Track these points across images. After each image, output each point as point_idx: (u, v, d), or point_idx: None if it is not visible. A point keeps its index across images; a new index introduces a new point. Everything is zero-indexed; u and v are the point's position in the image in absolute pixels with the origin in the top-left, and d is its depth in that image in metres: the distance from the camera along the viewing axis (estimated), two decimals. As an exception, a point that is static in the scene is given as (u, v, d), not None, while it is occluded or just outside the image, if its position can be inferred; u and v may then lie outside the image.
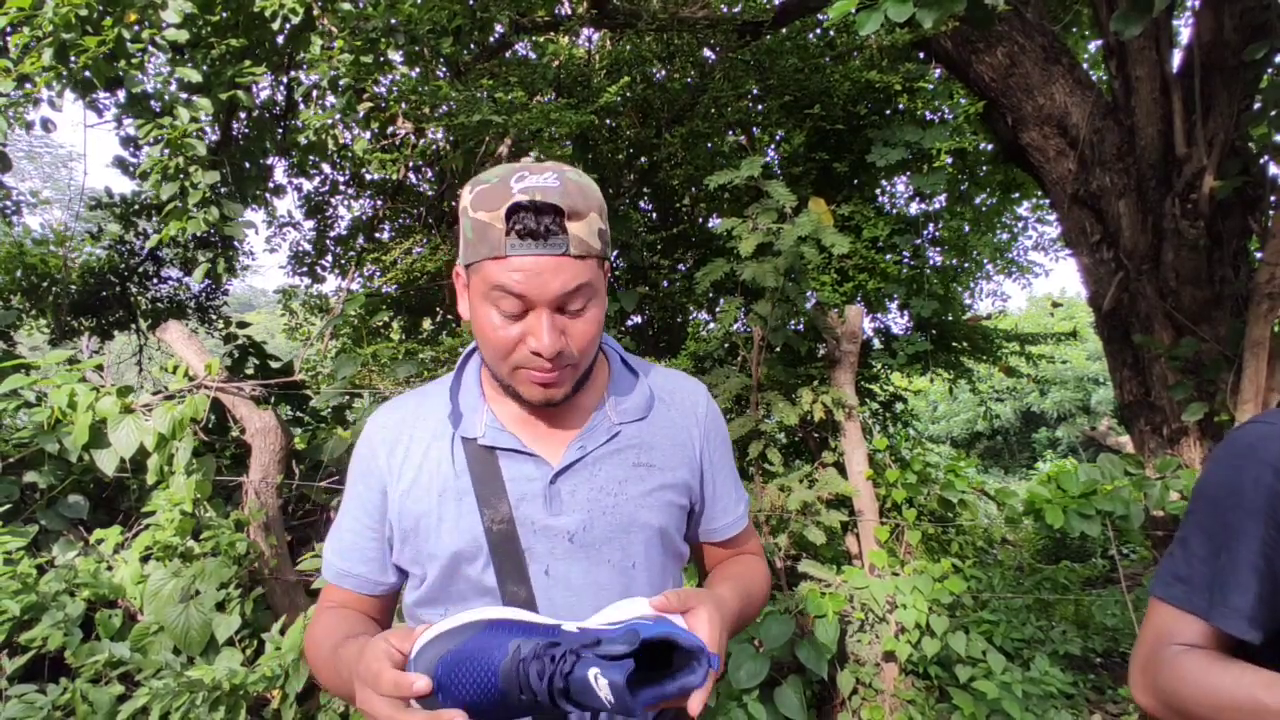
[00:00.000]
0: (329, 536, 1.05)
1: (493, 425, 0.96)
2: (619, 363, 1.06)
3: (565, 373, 0.90)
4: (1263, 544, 0.82)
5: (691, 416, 1.06)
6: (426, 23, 3.20)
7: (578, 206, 0.85)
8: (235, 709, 2.16)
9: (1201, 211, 3.01)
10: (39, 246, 4.90)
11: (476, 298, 0.90)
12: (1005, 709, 2.47)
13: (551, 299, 0.84)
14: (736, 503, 1.11)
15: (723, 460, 1.09)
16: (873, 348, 4.42)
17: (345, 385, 3.25)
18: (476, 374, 1.03)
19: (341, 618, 1.00)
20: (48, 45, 2.75)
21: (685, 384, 1.10)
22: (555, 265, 0.84)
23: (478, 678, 0.74)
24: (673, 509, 1.00)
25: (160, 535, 2.53)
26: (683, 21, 3.79)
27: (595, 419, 0.98)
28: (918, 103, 3.73)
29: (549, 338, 0.85)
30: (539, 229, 0.83)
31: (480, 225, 0.85)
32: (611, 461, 0.96)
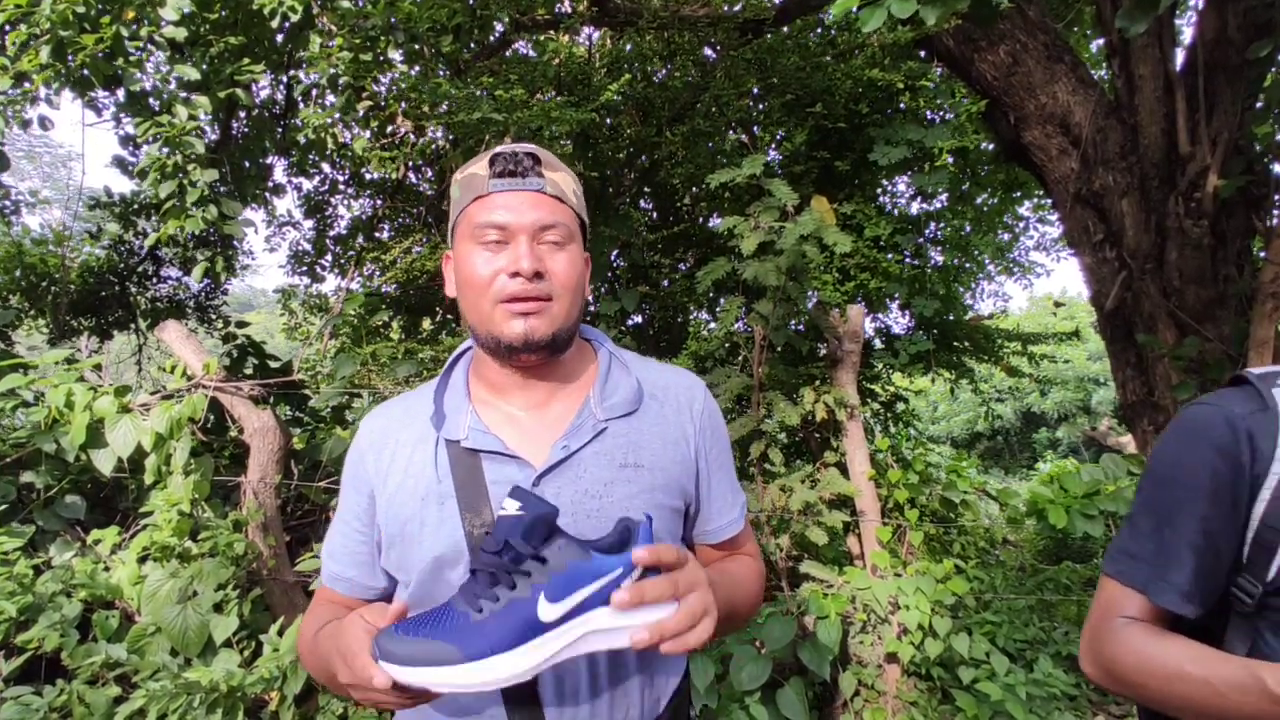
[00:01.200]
0: (325, 541, 1.05)
1: (476, 427, 0.95)
2: (607, 357, 1.04)
3: (544, 307, 0.91)
4: (1203, 522, 0.85)
5: (686, 413, 1.02)
6: (426, 21, 3.19)
7: (553, 162, 0.95)
8: (233, 711, 2.14)
9: (1205, 210, 3.00)
10: (38, 246, 4.89)
11: (461, 245, 0.94)
12: (1008, 710, 2.46)
13: (530, 225, 0.90)
14: (733, 505, 1.07)
15: (720, 459, 1.06)
16: (874, 348, 4.41)
17: (344, 385, 3.23)
18: (464, 376, 1.03)
19: (329, 610, 1.00)
20: (45, 43, 2.73)
21: (680, 379, 1.06)
22: (533, 199, 0.92)
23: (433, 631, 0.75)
24: (664, 511, 0.97)
25: (158, 536, 2.51)
26: (684, 20, 3.77)
27: (580, 416, 0.96)
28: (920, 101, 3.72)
29: (528, 259, 0.89)
30: (517, 170, 0.92)
31: (467, 179, 0.95)
32: (597, 462, 0.94)
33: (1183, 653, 0.83)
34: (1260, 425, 0.83)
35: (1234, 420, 0.85)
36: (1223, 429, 0.85)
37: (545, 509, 0.74)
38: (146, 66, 3.08)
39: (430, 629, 0.74)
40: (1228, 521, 0.85)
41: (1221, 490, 0.85)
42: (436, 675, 0.72)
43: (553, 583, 0.73)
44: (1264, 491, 0.82)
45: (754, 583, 1.07)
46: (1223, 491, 0.84)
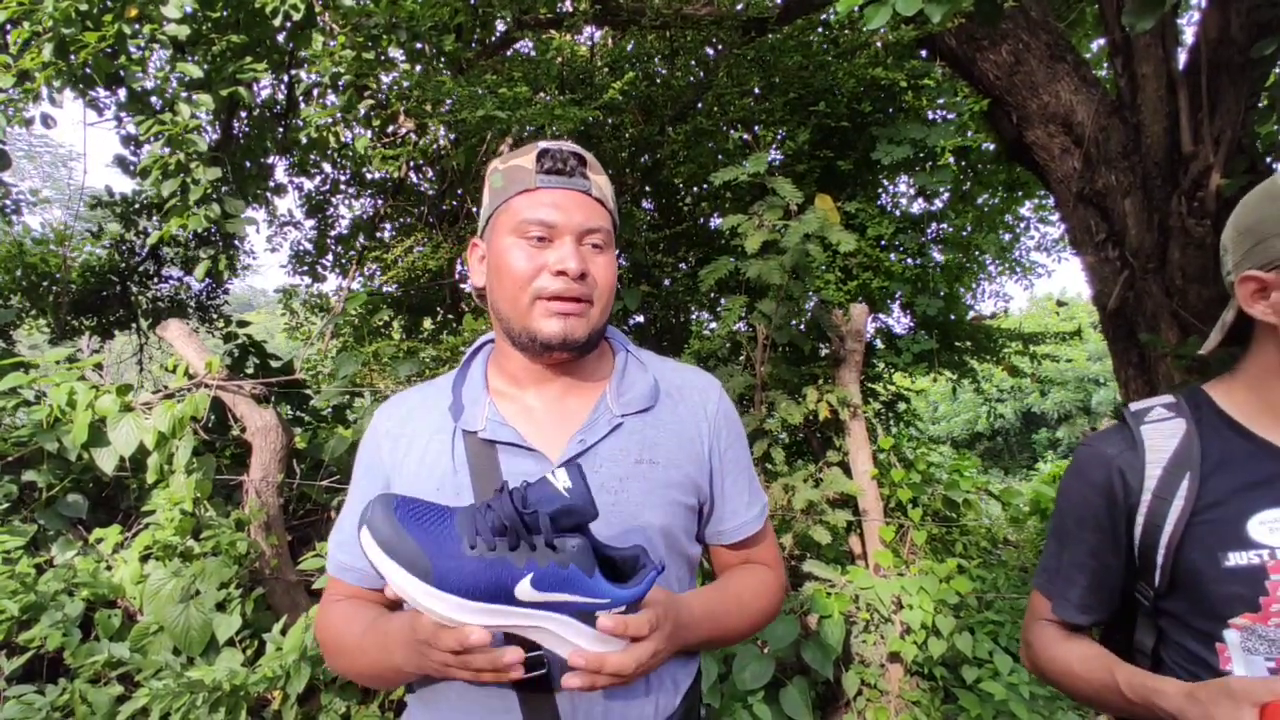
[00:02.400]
0: (333, 529, 1.04)
1: (494, 419, 0.95)
2: (625, 355, 1.05)
3: (584, 308, 0.92)
4: (1089, 547, 1.01)
5: (701, 411, 1.03)
6: (428, 19, 3.18)
7: (595, 165, 0.97)
8: (235, 710, 2.14)
9: (1208, 209, 2.99)
10: (39, 245, 4.88)
11: (500, 238, 0.94)
12: (1011, 710, 2.45)
13: (575, 228, 0.92)
14: (749, 505, 1.06)
15: (735, 459, 1.05)
16: (876, 347, 4.40)
17: (346, 384, 3.23)
18: (483, 367, 1.03)
19: (359, 606, 0.99)
20: (47, 41, 2.73)
21: (696, 379, 1.07)
22: (580, 200, 0.93)
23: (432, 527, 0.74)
24: (679, 508, 0.97)
25: (160, 535, 2.51)
26: (686, 18, 3.77)
27: (597, 410, 0.97)
28: (922, 100, 3.72)
29: (575, 259, 0.90)
30: (565, 168, 0.93)
31: (511, 170, 0.94)
32: (613, 457, 0.94)
33: (1073, 653, 1.00)
34: (1129, 462, 0.97)
35: (1107, 461, 0.98)
36: (1099, 470, 0.99)
37: (586, 507, 0.74)
38: (149, 65, 3.08)
39: (421, 526, 0.73)
40: (1111, 544, 0.99)
41: (1101, 521, 0.99)
42: (398, 576, 0.72)
43: (547, 571, 0.73)
44: (1139, 518, 0.96)
45: (762, 599, 1.05)
46: (1102, 521, 0.99)
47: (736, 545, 1.07)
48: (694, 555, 1.05)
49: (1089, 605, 1.02)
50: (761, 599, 1.05)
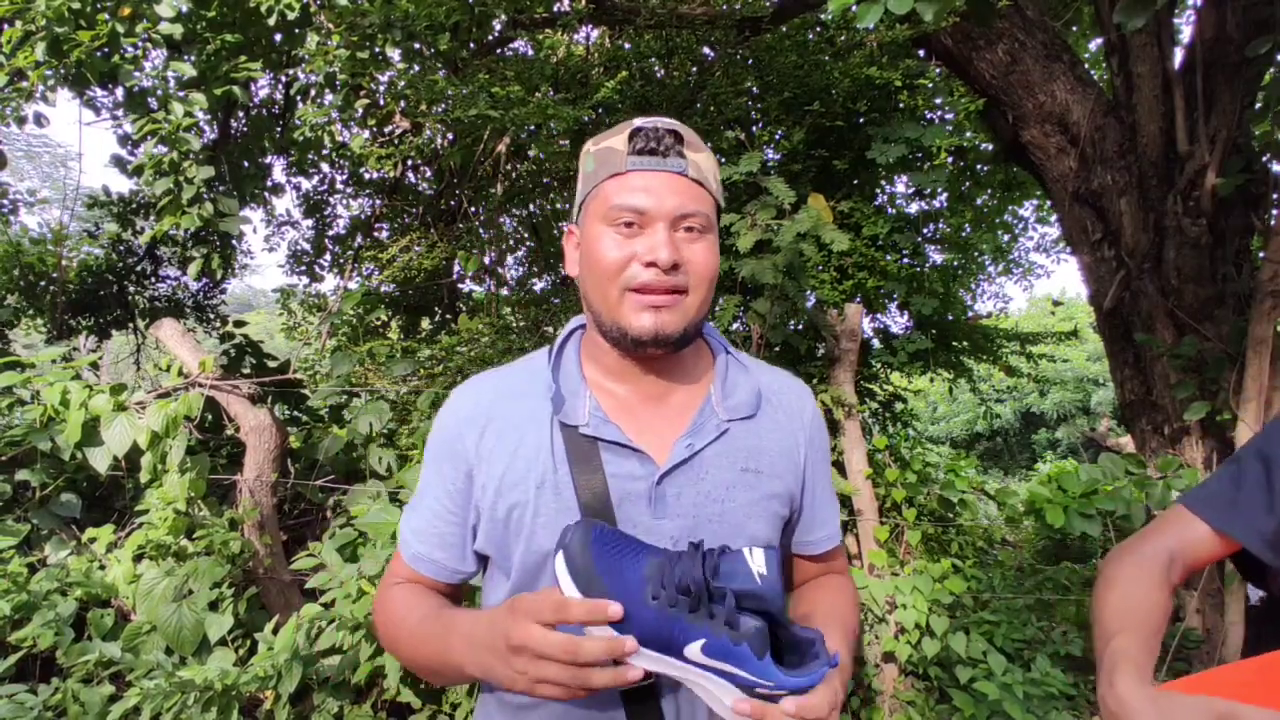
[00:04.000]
0: (406, 512, 0.99)
1: (595, 413, 0.89)
2: (725, 356, 0.99)
3: (678, 300, 0.86)
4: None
5: (799, 420, 0.98)
6: (424, 18, 3.18)
7: (695, 141, 0.89)
8: (227, 709, 2.13)
9: (1203, 209, 2.99)
10: (36, 245, 4.88)
11: (590, 224, 0.88)
12: (1006, 710, 2.45)
13: (669, 212, 0.84)
14: (834, 516, 1.03)
15: (823, 469, 1.01)
16: (872, 347, 4.40)
17: (341, 384, 3.23)
18: (576, 355, 0.97)
19: (421, 592, 0.95)
20: (41, 40, 2.73)
21: (792, 385, 1.02)
22: (673, 182, 0.85)
23: (623, 569, 0.72)
24: (776, 520, 0.93)
25: (153, 534, 2.51)
26: (681, 18, 3.77)
27: (702, 414, 0.92)
28: (918, 100, 3.71)
29: (666, 248, 0.83)
30: (660, 148, 0.86)
31: (603, 153, 0.88)
32: (719, 464, 0.90)
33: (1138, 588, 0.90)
34: None
35: None
36: None
37: (776, 599, 0.71)
38: (144, 64, 3.08)
39: (613, 563, 0.72)
40: None
41: None
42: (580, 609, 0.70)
43: (719, 642, 0.70)
44: None
45: (857, 616, 1.01)
46: None
47: (819, 556, 1.03)
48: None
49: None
50: (855, 614, 1.01)
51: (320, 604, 2.39)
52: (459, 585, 0.99)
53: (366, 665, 2.21)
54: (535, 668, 0.71)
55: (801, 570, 1.06)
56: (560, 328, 4.18)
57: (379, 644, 2.19)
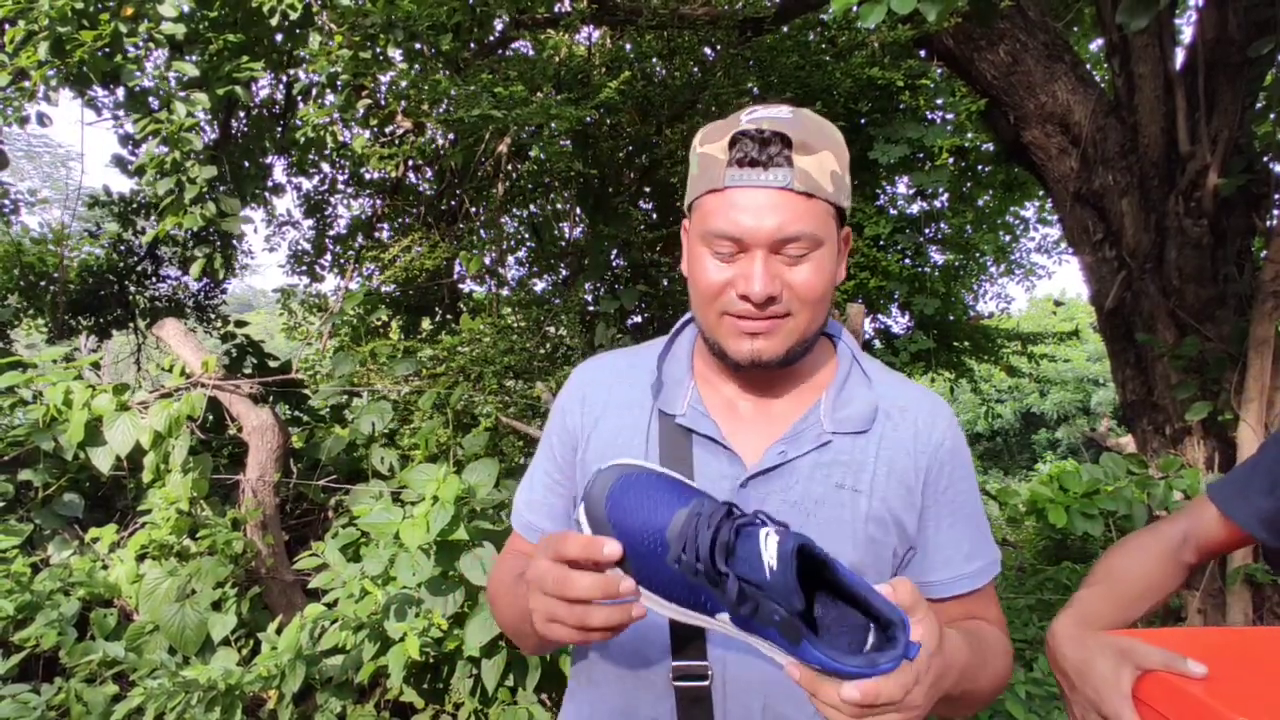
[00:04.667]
0: (523, 481, 1.01)
1: (695, 406, 0.88)
2: (850, 362, 0.92)
3: (777, 325, 0.81)
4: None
5: (924, 442, 0.88)
6: (426, 19, 3.18)
7: (809, 141, 0.78)
8: (231, 709, 2.14)
9: (1205, 209, 2.99)
10: (37, 245, 4.88)
11: (693, 240, 0.85)
12: (1007, 709, 2.45)
13: (767, 237, 0.78)
14: (968, 559, 0.89)
15: (954, 501, 0.89)
16: (874, 348, 4.40)
17: (343, 384, 3.23)
18: (689, 346, 0.96)
19: (521, 560, 0.94)
20: (43, 39, 2.73)
21: (924, 402, 0.92)
22: (776, 199, 0.77)
23: (644, 523, 0.67)
24: (875, 545, 0.85)
25: (156, 534, 2.51)
26: (683, 18, 3.77)
27: (806, 421, 0.87)
28: (920, 100, 3.72)
29: (761, 280, 0.78)
30: (761, 158, 0.77)
31: (705, 159, 0.82)
32: (813, 476, 0.85)
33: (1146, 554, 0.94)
34: None
35: None
36: None
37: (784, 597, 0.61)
38: (146, 64, 3.08)
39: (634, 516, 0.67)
40: None
41: None
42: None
43: (742, 619, 0.64)
44: None
45: (1002, 657, 0.88)
46: None
47: (947, 601, 0.90)
48: None
49: (1278, 525, 0.88)
50: (1002, 658, 0.87)
51: (323, 604, 2.39)
52: None
53: (369, 665, 2.21)
54: (540, 603, 0.69)
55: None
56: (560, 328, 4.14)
57: (381, 643, 2.20)
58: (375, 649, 2.21)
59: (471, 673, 2.24)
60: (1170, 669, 0.72)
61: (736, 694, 0.83)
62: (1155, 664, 0.73)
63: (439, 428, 2.98)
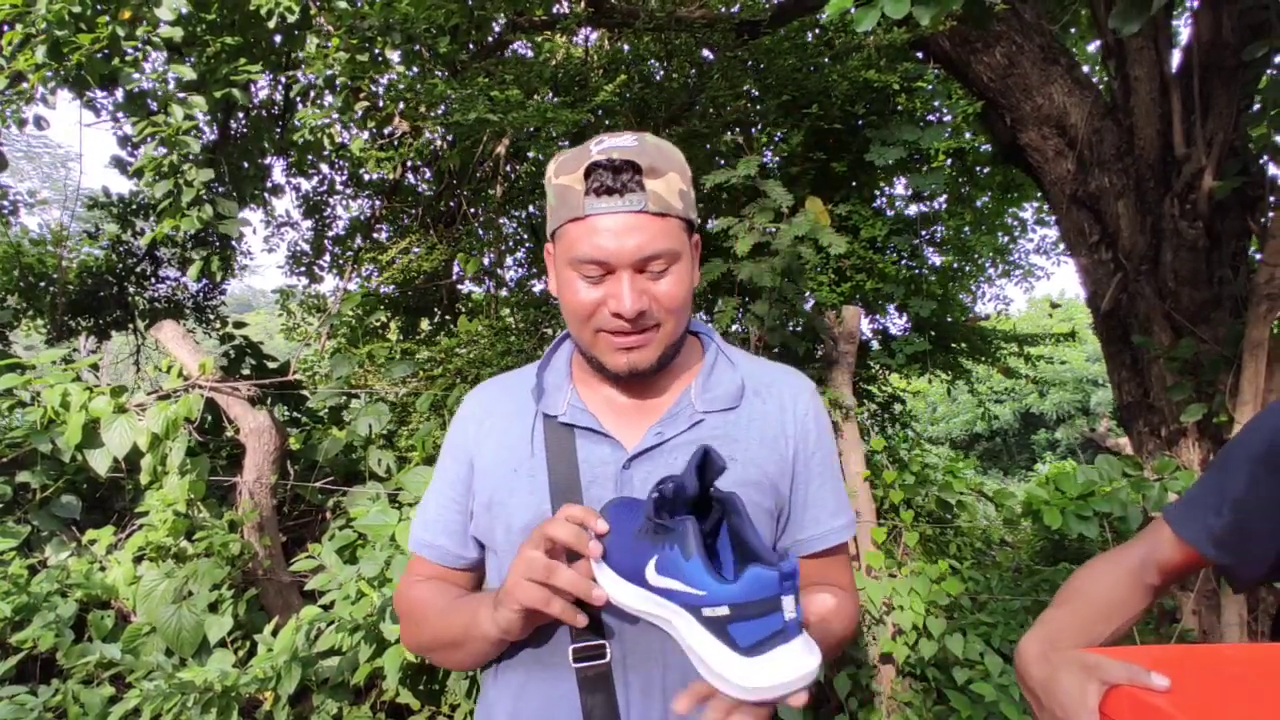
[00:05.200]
0: (418, 509, 1.06)
1: (575, 404, 0.96)
2: (715, 351, 1.02)
3: (649, 336, 0.89)
4: (1252, 481, 0.88)
5: (789, 412, 0.98)
6: (423, 21, 3.19)
7: (657, 164, 0.85)
8: (227, 710, 2.14)
9: (1200, 212, 3.00)
10: (36, 246, 4.89)
11: (560, 265, 0.90)
12: (1003, 711, 2.45)
13: (631, 258, 0.84)
14: (833, 515, 1.00)
15: (820, 465, 1.00)
16: (871, 349, 4.41)
17: (341, 385, 3.24)
18: (567, 355, 1.03)
19: (444, 585, 1.00)
20: (41, 42, 2.74)
21: (786, 377, 1.03)
22: (635, 222, 0.84)
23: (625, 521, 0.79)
24: (756, 509, 0.93)
25: (153, 536, 2.52)
26: (680, 21, 3.78)
27: (678, 405, 0.95)
28: (916, 102, 3.72)
29: (630, 298, 0.84)
30: (616, 185, 0.83)
31: (561, 189, 0.87)
32: (689, 451, 0.91)
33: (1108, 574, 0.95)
34: None
35: None
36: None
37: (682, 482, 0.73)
38: (144, 66, 3.09)
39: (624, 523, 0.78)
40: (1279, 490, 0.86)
41: (1277, 457, 0.86)
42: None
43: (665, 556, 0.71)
44: None
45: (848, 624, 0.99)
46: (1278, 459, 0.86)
47: (813, 556, 0.99)
48: None
49: (1226, 543, 0.89)
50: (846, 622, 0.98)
51: (319, 605, 2.39)
52: (464, 572, 1.03)
53: (365, 666, 2.22)
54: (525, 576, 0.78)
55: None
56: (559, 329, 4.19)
57: (377, 645, 2.20)
58: (371, 650, 2.22)
59: (467, 674, 2.25)
60: (1134, 683, 0.73)
61: (636, 666, 0.89)
62: (1119, 678, 0.74)
63: (436, 429, 2.99)
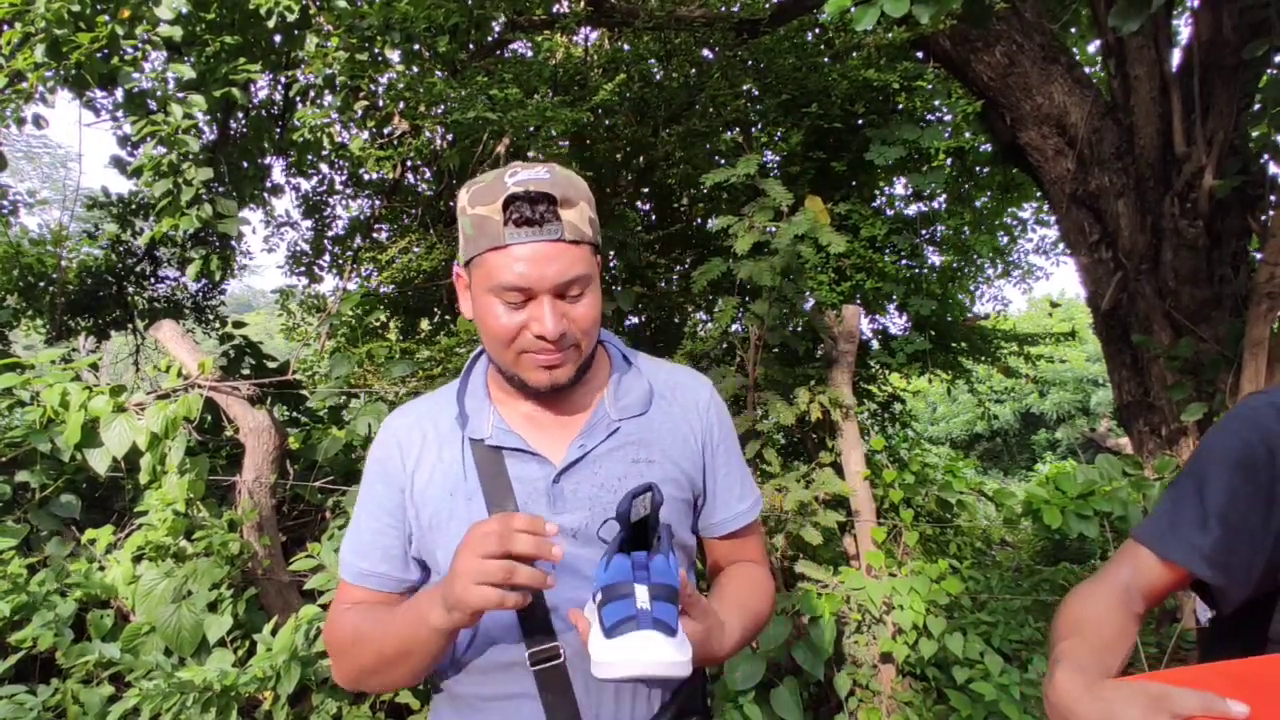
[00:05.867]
0: (346, 539, 1.06)
1: (499, 426, 0.99)
2: (620, 359, 1.09)
3: (569, 354, 0.94)
4: (1231, 494, 0.86)
5: (693, 410, 1.07)
6: (423, 20, 3.19)
7: (569, 195, 0.90)
8: (226, 710, 2.14)
9: (1201, 211, 3.00)
10: (36, 246, 4.89)
11: (479, 292, 0.94)
12: (1003, 710, 2.45)
13: (551, 285, 0.89)
14: (740, 498, 1.10)
15: (726, 453, 1.10)
16: (871, 348, 4.41)
17: (341, 384, 3.23)
18: (483, 377, 1.06)
19: (375, 606, 1.00)
20: (40, 41, 2.73)
21: (687, 378, 1.11)
22: (553, 251, 0.89)
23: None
24: (674, 502, 1.01)
25: (153, 535, 2.51)
26: (680, 20, 3.78)
27: (595, 416, 1.01)
28: (916, 102, 3.72)
29: (552, 321, 0.89)
30: (535, 216, 0.87)
31: (479, 219, 0.91)
32: (611, 458, 0.99)
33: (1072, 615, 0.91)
34: None
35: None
36: (1267, 414, 0.86)
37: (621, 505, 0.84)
38: (143, 66, 3.09)
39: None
40: (1259, 499, 0.84)
41: (1253, 466, 0.85)
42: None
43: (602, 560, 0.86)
44: None
45: (766, 603, 1.09)
46: (1254, 467, 0.85)
47: (728, 537, 1.11)
48: (690, 546, 1.09)
49: (1219, 561, 0.86)
50: (765, 601, 1.08)
51: (319, 605, 2.39)
52: (406, 595, 1.03)
53: (365, 666, 2.21)
54: (474, 565, 0.79)
55: (713, 552, 1.15)
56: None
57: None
58: (371, 650, 2.21)
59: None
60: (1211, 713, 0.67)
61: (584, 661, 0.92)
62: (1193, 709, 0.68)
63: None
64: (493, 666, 0.97)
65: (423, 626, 0.87)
